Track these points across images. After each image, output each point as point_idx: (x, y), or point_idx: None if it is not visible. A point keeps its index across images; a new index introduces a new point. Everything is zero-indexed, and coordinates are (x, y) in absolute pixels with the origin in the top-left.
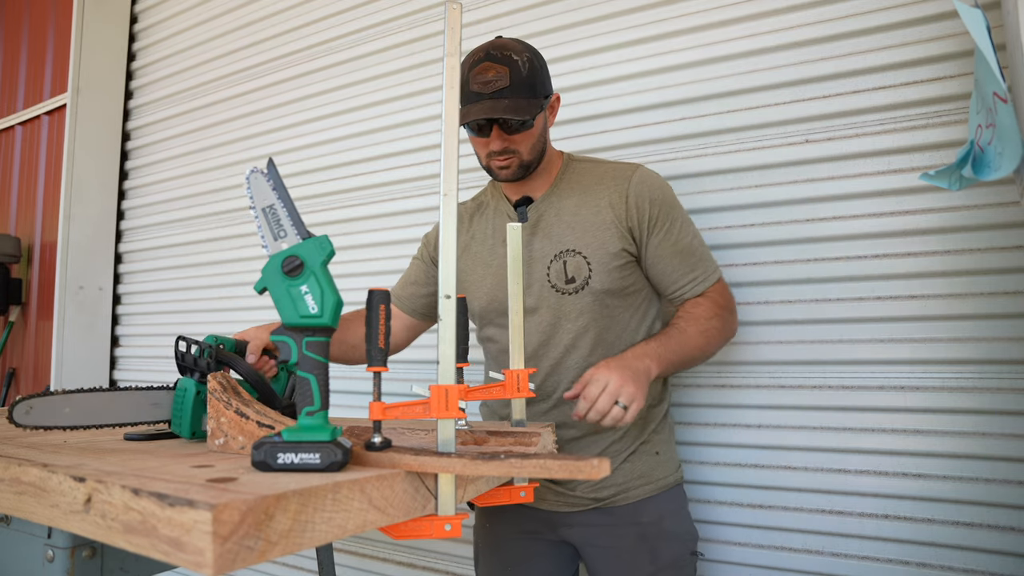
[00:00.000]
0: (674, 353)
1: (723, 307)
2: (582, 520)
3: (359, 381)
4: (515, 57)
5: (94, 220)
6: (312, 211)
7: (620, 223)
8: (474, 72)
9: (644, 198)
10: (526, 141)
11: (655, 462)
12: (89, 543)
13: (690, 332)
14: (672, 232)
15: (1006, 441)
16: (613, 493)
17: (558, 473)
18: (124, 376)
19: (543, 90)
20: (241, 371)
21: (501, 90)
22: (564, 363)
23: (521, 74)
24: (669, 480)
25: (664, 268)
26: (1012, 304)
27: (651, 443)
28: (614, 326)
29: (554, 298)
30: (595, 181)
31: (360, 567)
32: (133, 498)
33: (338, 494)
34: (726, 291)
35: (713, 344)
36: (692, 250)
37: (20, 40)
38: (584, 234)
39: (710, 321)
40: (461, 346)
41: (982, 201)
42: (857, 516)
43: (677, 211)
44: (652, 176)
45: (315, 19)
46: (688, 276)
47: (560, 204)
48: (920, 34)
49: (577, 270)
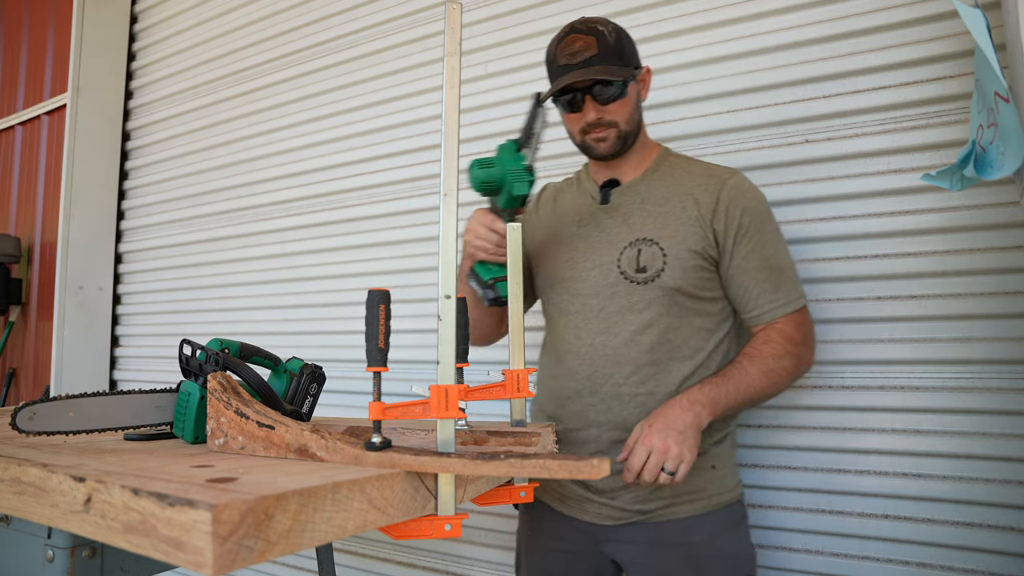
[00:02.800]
0: (731, 397)
1: (798, 343)
2: (625, 535)
3: (359, 381)
4: (600, 28)
5: (94, 220)
6: (312, 211)
7: (705, 223)
8: (560, 47)
9: (737, 204)
10: (622, 110)
11: (710, 476)
12: (89, 543)
13: (752, 373)
14: (762, 245)
15: (1006, 441)
16: (659, 506)
17: (558, 473)
18: (124, 376)
19: (632, 59)
20: (246, 376)
21: (589, 59)
22: (621, 356)
23: (608, 42)
24: (725, 497)
25: (746, 283)
26: (1012, 304)
27: (708, 455)
28: (682, 329)
29: (622, 286)
30: (688, 176)
31: (360, 567)
32: (133, 498)
33: (338, 494)
34: (807, 322)
35: (778, 386)
36: (780, 269)
37: (20, 40)
38: (665, 226)
39: (779, 361)
40: (461, 346)
41: (982, 201)
42: (857, 516)
43: (770, 224)
44: (749, 184)
45: (315, 19)
46: (769, 297)
47: (647, 192)
48: (920, 34)
49: (651, 260)
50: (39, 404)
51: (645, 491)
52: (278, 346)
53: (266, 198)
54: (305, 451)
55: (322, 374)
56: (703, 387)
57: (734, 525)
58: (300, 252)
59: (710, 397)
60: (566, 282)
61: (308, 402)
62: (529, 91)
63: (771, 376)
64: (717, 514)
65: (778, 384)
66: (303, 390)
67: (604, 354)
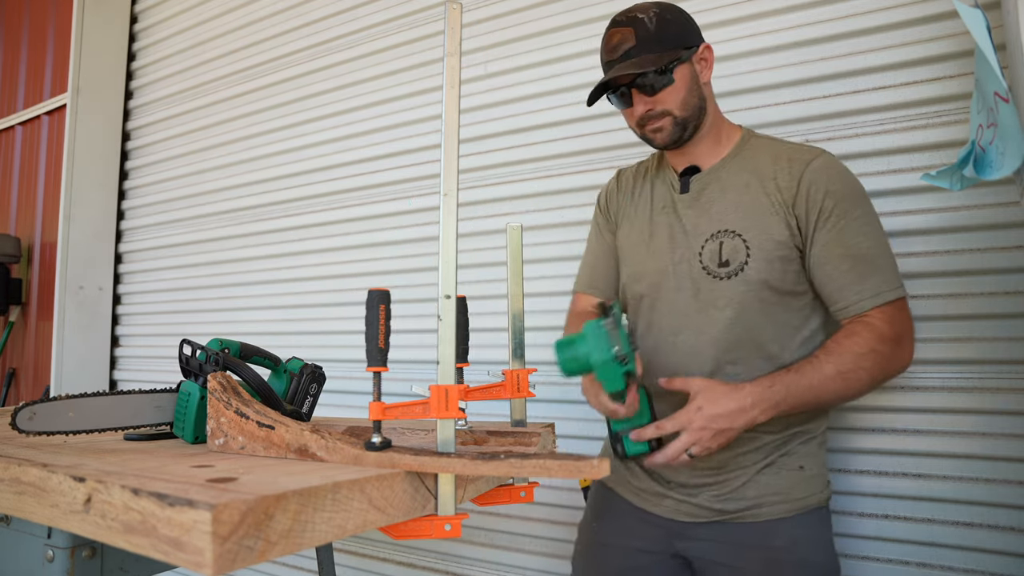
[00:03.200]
0: (798, 397)
1: (888, 339)
2: (703, 534)
3: (359, 381)
4: (639, 15)
5: (94, 220)
6: (312, 211)
7: (787, 209)
8: (604, 42)
9: (819, 187)
10: (673, 97)
11: (797, 478)
12: (89, 543)
13: (827, 371)
14: (847, 231)
15: (1006, 441)
16: (742, 507)
17: (558, 473)
18: (124, 376)
19: (678, 41)
20: (246, 376)
21: (627, 52)
22: (703, 354)
23: (648, 29)
24: (811, 501)
25: (830, 273)
26: (1012, 304)
27: (795, 455)
28: (767, 326)
29: (704, 281)
30: (771, 160)
31: (360, 567)
32: (133, 498)
33: (338, 494)
34: (902, 316)
35: (857, 387)
36: (869, 257)
37: (20, 40)
38: (748, 216)
39: (860, 359)
40: (461, 346)
41: (982, 201)
42: (857, 516)
43: (859, 209)
44: (836, 165)
45: (315, 19)
46: (856, 287)
47: (729, 180)
48: (920, 34)
49: (733, 253)
50: (39, 404)
51: (727, 489)
52: (278, 346)
53: (266, 198)
54: (305, 451)
55: (322, 374)
56: (773, 383)
57: (820, 533)
58: (300, 252)
59: (774, 398)
60: (648, 276)
61: (308, 402)
62: (527, 90)
63: (848, 377)
64: (802, 518)
65: (857, 386)
66: (303, 390)
67: (686, 352)
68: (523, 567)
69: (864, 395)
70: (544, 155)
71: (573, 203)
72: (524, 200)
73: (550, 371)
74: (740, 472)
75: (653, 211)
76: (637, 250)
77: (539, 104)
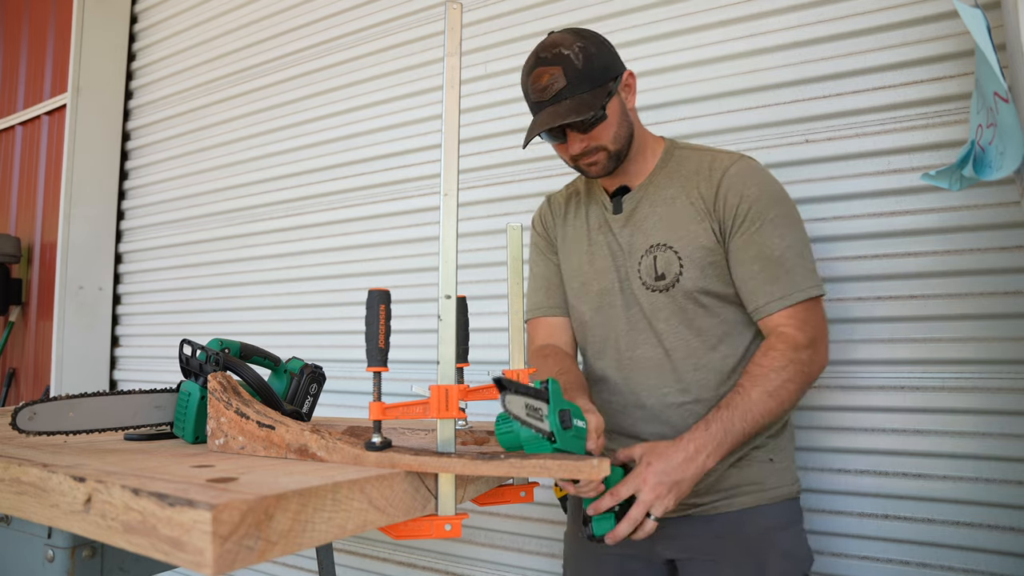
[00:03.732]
0: (738, 431)
1: (802, 345)
2: (680, 530)
3: (359, 381)
4: (565, 52)
5: (94, 220)
6: (312, 211)
7: (710, 216)
8: (530, 82)
9: (736, 192)
10: (606, 132)
11: (768, 470)
12: (89, 543)
13: (755, 396)
14: (760, 235)
15: (1006, 441)
16: (714, 499)
17: (558, 473)
18: (124, 376)
19: (607, 74)
20: (246, 376)
21: (559, 92)
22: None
23: (576, 68)
24: (782, 491)
25: (742, 275)
26: (1012, 304)
27: (765, 448)
28: (715, 329)
29: (646, 296)
30: (693, 170)
31: (360, 567)
32: (133, 498)
33: (338, 494)
34: (813, 318)
35: (789, 400)
36: (779, 259)
37: (20, 40)
38: (677, 227)
39: (781, 373)
40: (461, 346)
41: (982, 201)
42: (857, 516)
43: (774, 211)
44: (754, 170)
45: (315, 19)
46: (766, 289)
47: (656, 194)
48: (920, 34)
49: (667, 266)
50: (39, 404)
51: (701, 485)
52: (278, 346)
53: (266, 198)
54: (305, 451)
55: (322, 374)
56: (708, 425)
57: (791, 522)
58: (300, 252)
59: (717, 439)
60: (594, 297)
61: (308, 402)
62: None
63: (777, 395)
64: (774, 508)
65: (788, 398)
66: (303, 390)
67: (646, 365)
68: (523, 567)
69: (797, 404)
70: (544, 155)
71: None
72: (524, 200)
73: None
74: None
75: (591, 232)
76: (581, 271)
77: None
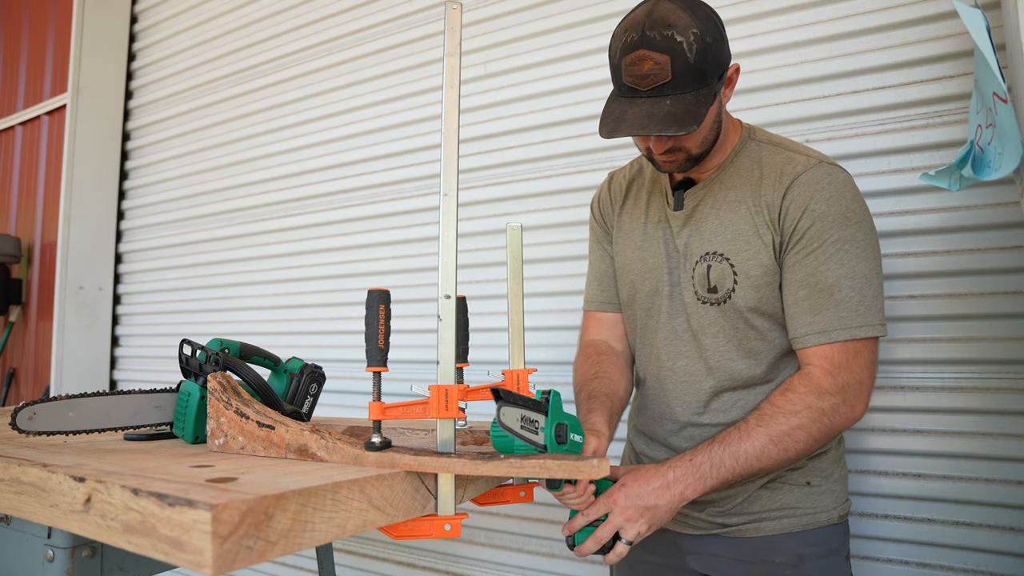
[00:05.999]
0: (728, 469)
1: (826, 392)
2: (707, 547)
3: (359, 381)
4: (679, 39)
5: (94, 220)
6: (312, 211)
7: (772, 228)
8: (627, 63)
9: (800, 204)
10: (695, 137)
11: (804, 493)
12: (89, 543)
13: (756, 438)
14: (814, 257)
15: (1006, 441)
16: (742, 521)
17: (557, 473)
18: (124, 376)
19: (716, 70)
20: (246, 376)
21: (660, 87)
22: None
23: (687, 61)
24: (821, 517)
25: (788, 299)
26: (1012, 304)
27: (802, 470)
28: (763, 353)
29: (695, 307)
30: (763, 171)
31: (360, 567)
32: (133, 498)
33: (338, 494)
34: (855, 362)
35: (796, 449)
36: (830, 288)
37: (20, 40)
38: (736, 237)
39: (791, 418)
40: (461, 346)
41: (982, 201)
42: (857, 516)
43: (838, 234)
44: (829, 180)
45: (315, 19)
46: (806, 319)
47: (721, 194)
48: (920, 34)
49: (721, 279)
50: (39, 404)
51: (729, 505)
52: (278, 346)
53: (266, 198)
54: (305, 451)
55: (322, 374)
56: (694, 456)
57: (829, 551)
58: (300, 252)
59: (700, 473)
60: (644, 299)
61: (308, 402)
62: (527, 90)
63: (780, 442)
64: (810, 535)
65: (792, 449)
66: (303, 390)
67: (683, 378)
68: (523, 567)
69: (810, 454)
70: (544, 155)
71: (572, 203)
72: (524, 200)
73: (550, 371)
74: (740, 489)
75: (647, 224)
76: (632, 267)
77: (539, 104)
